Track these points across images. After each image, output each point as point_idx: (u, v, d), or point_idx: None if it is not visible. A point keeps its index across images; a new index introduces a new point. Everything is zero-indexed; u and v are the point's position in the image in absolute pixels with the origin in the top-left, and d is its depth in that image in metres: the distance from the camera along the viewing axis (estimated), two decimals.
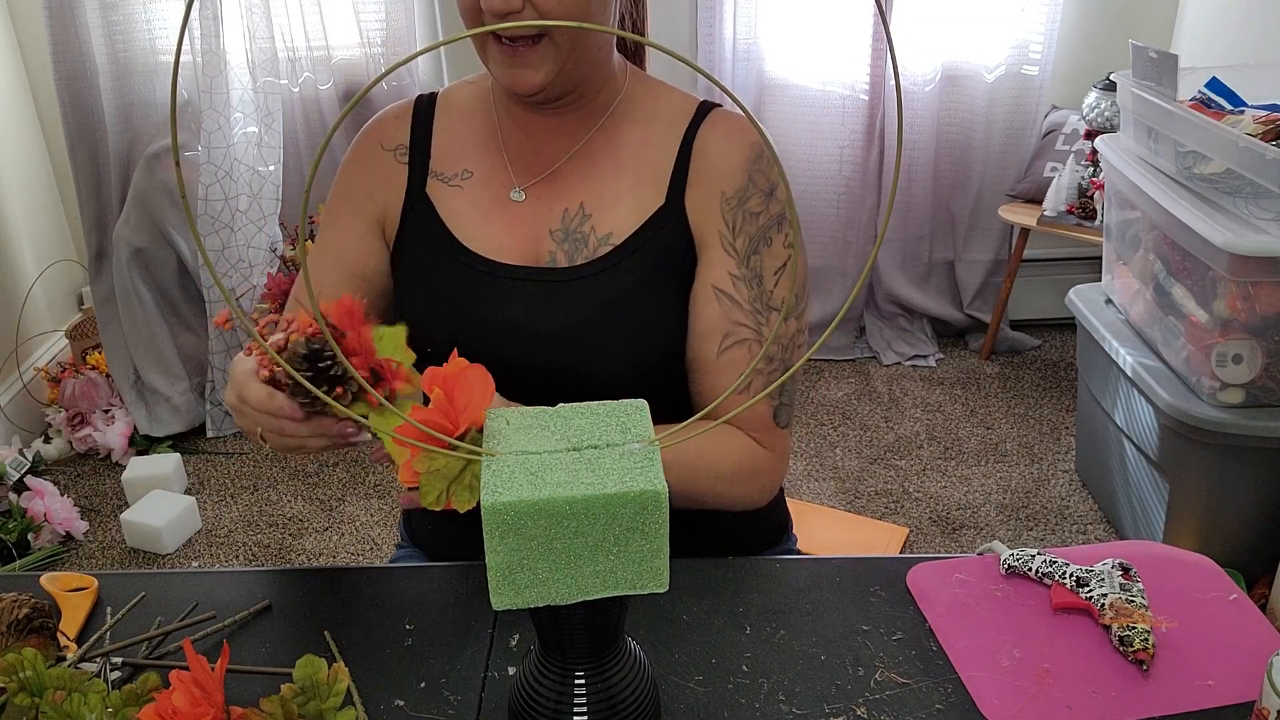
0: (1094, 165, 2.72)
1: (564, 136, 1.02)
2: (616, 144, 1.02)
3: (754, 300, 0.99)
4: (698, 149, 1.00)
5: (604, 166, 1.02)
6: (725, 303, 0.99)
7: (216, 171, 2.61)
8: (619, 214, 1.01)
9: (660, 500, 0.65)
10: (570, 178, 1.02)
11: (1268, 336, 1.83)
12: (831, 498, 2.48)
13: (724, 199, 0.99)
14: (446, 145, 1.06)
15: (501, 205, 1.03)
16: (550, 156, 1.03)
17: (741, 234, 0.99)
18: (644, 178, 1.01)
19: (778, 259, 1.00)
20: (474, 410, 0.70)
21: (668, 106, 1.03)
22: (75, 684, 0.74)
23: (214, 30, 2.53)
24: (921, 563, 0.98)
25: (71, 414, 2.71)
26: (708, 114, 1.02)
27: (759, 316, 0.99)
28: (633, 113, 1.03)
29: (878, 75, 2.89)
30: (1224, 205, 1.83)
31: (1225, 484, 1.93)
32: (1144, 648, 0.84)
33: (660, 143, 1.02)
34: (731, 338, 0.99)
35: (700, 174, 1.00)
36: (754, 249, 0.99)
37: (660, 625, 0.90)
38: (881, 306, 3.19)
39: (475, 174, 1.05)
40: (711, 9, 2.83)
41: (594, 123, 1.02)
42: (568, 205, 1.02)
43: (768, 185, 1.00)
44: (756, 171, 1.00)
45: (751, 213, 0.99)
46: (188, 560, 2.33)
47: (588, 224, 1.01)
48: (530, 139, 1.03)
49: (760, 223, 0.99)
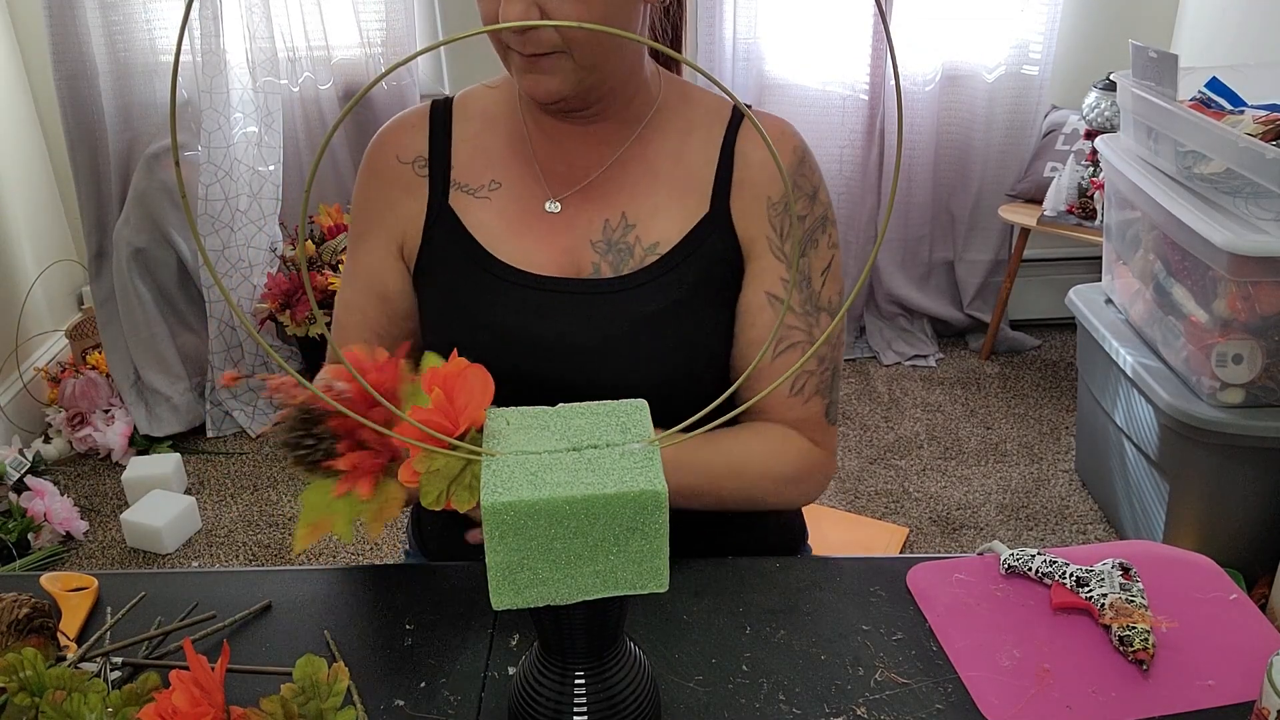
0: (1094, 165, 2.72)
1: (597, 146, 1.00)
2: (652, 153, 1.01)
3: (805, 303, 1.00)
4: (739, 154, 1.00)
5: (641, 176, 1.00)
6: (779, 307, 0.99)
7: (216, 171, 2.61)
8: (663, 223, 0.99)
9: (660, 500, 0.65)
10: (607, 188, 1.00)
11: (1268, 336, 1.83)
12: (831, 498, 2.48)
13: (770, 204, 0.99)
14: (469, 155, 1.03)
15: (535, 217, 1.00)
16: (584, 167, 1.00)
17: (789, 238, 0.99)
18: (685, 186, 1.00)
19: (823, 260, 1.01)
20: (474, 410, 0.69)
21: (704, 113, 1.02)
22: (75, 684, 0.74)
23: (214, 30, 2.53)
24: (921, 563, 0.98)
25: (71, 414, 2.71)
26: (742, 117, 1.01)
27: (810, 318, 1.00)
28: (668, 122, 1.01)
29: (878, 75, 2.89)
30: (1224, 205, 1.83)
31: (1225, 484, 1.93)
32: (1144, 648, 0.84)
33: (699, 150, 1.01)
34: (785, 341, 1.00)
35: (743, 180, 0.99)
36: (801, 252, 0.99)
37: (660, 625, 0.90)
38: (881, 306, 3.19)
39: (504, 185, 1.01)
40: (711, 9, 2.83)
41: (629, 133, 1.01)
42: (608, 216, 0.99)
43: (810, 188, 1.00)
44: (800, 176, 1.00)
45: (798, 216, 0.99)
46: (188, 560, 2.33)
47: (631, 234, 0.99)
48: (561, 149, 1.01)
49: (806, 226, 1.00)
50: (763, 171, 0.99)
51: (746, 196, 0.99)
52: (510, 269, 0.99)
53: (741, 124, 1.01)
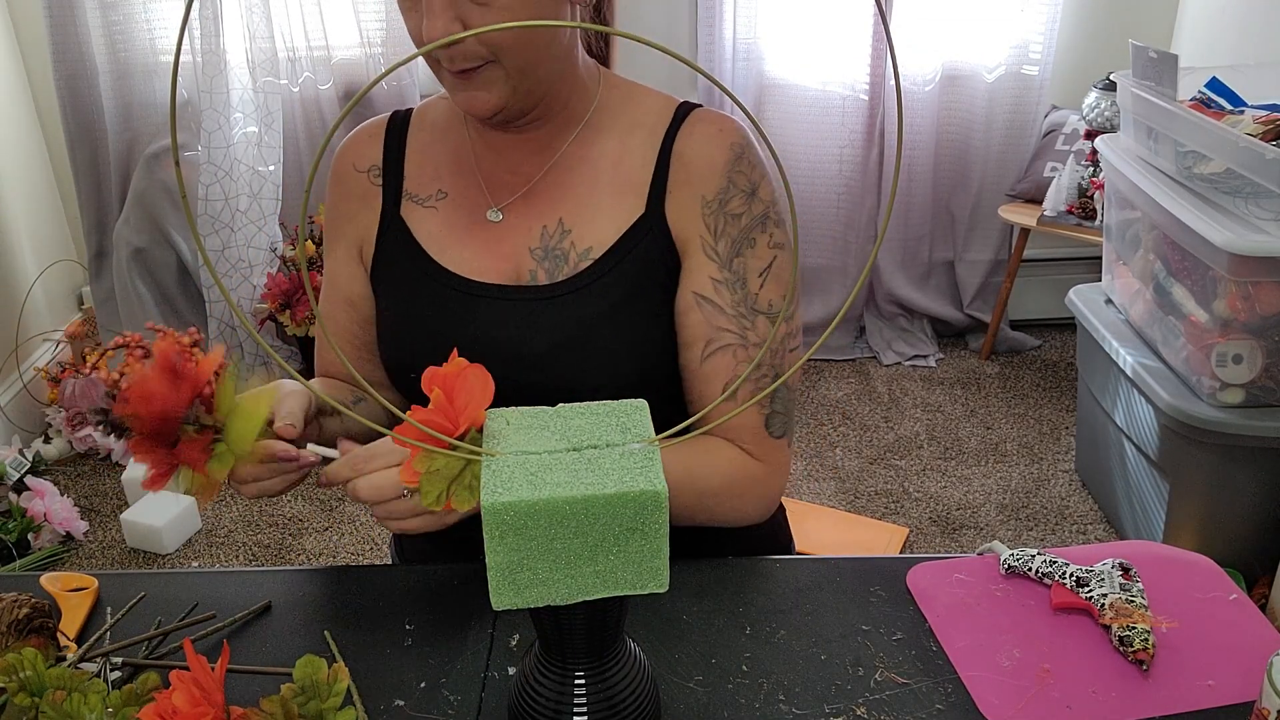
0: (1094, 165, 2.72)
1: (537, 153, 1.00)
2: (593, 156, 0.99)
3: (737, 304, 0.96)
4: (676, 153, 0.97)
5: (580, 180, 0.99)
6: (707, 309, 0.96)
7: (216, 171, 2.61)
8: (599, 227, 0.97)
9: (660, 500, 0.65)
10: (547, 194, 0.99)
11: (1268, 336, 1.83)
12: (831, 498, 2.48)
13: (704, 203, 0.96)
14: (419, 165, 1.04)
15: (478, 226, 1.00)
16: (525, 174, 1.00)
17: (723, 237, 0.96)
18: (623, 188, 0.98)
19: (762, 260, 0.96)
20: (474, 410, 0.69)
21: (645, 113, 1.00)
22: (75, 684, 0.74)
23: (214, 30, 2.53)
24: (921, 563, 0.98)
25: (71, 414, 2.71)
26: (687, 116, 0.99)
27: (744, 321, 0.96)
28: (608, 122, 1.00)
29: (878, 75, 2.89)
30: (1224, 205, 1.83)
31: (1225, 484, 1.93)
32: (1144, 648, 0.84)
33: (639, 151, 0.98)
34: (714, 344, 0.96)
35: (679, 179, 0.97)
36: (736, 251, 0.96)
37: (660, 625, 0.90)
38: (881, 306, 3.19)
39: (450, 194, 1.02)
40: (711, 9, 2.83)
41: (567, 136, 0.99)
42: (546, 222, 0.99)
43: (749, 185, 0.96)
44: (737, 172, 0.96)
45: (733, 214, 0.96)
46: (188, 560, 2.33)
47: (567, 240, 0.98)
48: (503, 157, 1.01)
49: (743, 224, 0.96)
50: (699, 170, 0.96)
51: (681, 196, 0.96)
52: (455, 277, 1.00)
53: (684, 124, 0.98)
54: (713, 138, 0.97)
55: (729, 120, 0.98)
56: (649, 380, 0.99)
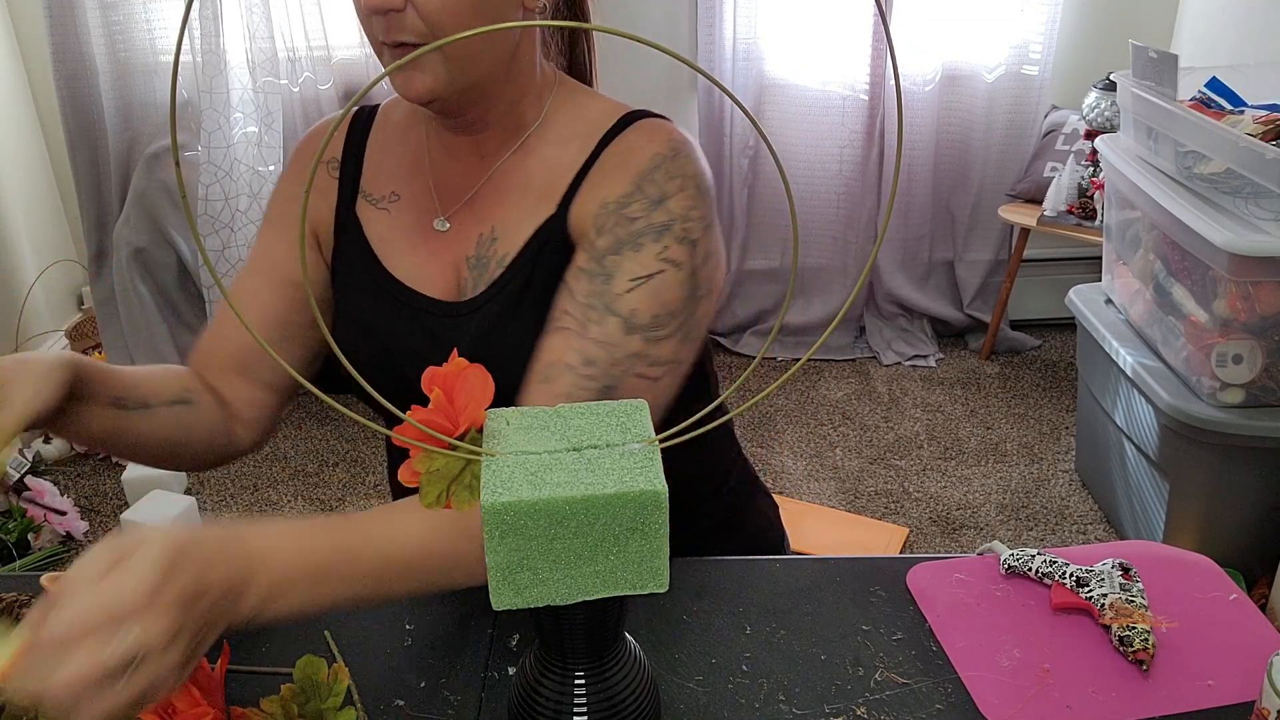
0: (1094, 165, 2.72)
1: (483, 159, 0.97)
2: (531, 164, 0.95)
3: (590, 295, 0.87)
4: (601, 158, 0.93)
5: (516, 188, 0.95)
6: (562, 293, 0.89)
7: (216, 171, 2.61)
8: (517, 233, 0.94)
9: (660, 500, 0.65)
10: (485, 202, 0.97)
11: (1268, 336, 1.83)
12: (831, 498, 2.48)
13: (603, 204, 0.90)
14: (377, 165, 1.02)
15: (426, 233, 0.98)
16: (470, 181, 0.97)
17: (608, 234, 0.89)
18: (544, 193, 0.94)
19: (643, 266, 0.87)
20: (474, 410, 0.69)
21: (588, 122, 0.95)
22: None
23: (214, 30, 2.53)
24: (921, 563, 0.98)
25: None
26: (629, 124, 0.94)
27: (590, 311, 0.87)
28: (553, 132, 0.96)
29: (878, 75, 2.89)
30: (1224, 205, 1.83)
31: (1225, 484, 1.93)
32: (1144, 648, 0.84)
33: (570, 159, 0.94)
34: (553, 325, 0.88)
35: (592, 182, 0.92)
36: (615, 249, 0.88)
37: (660, 625, 0.90)
38: (881, 306, 3.19)
39: (402, 198, 1.00)
40: (711, 9, 2.83)
41: (512, 143, 0.96)
42: (482, 230, 0.96)
43: (658, 194, 0.89)
44: (649, 181, 0.89)
45: (629, 217, 0.89)
46: None
47: (493, 248, 0.95)
48: (453, 162, 0.98)
49: (635, 228, 0.88)
50: (611, 173, 0.92)
51: (586, 197, 0.92)
52: (398, 284, 0.98)
53: (621, 131, 0.93)
54: (638, 145, 0.92)
55: (665, 131, 0.93)
56: None
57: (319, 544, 0.74)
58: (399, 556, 0.77)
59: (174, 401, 0.95)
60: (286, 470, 2.63)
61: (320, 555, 0.73)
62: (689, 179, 0.90)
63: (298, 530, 0.74)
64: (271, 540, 0.72)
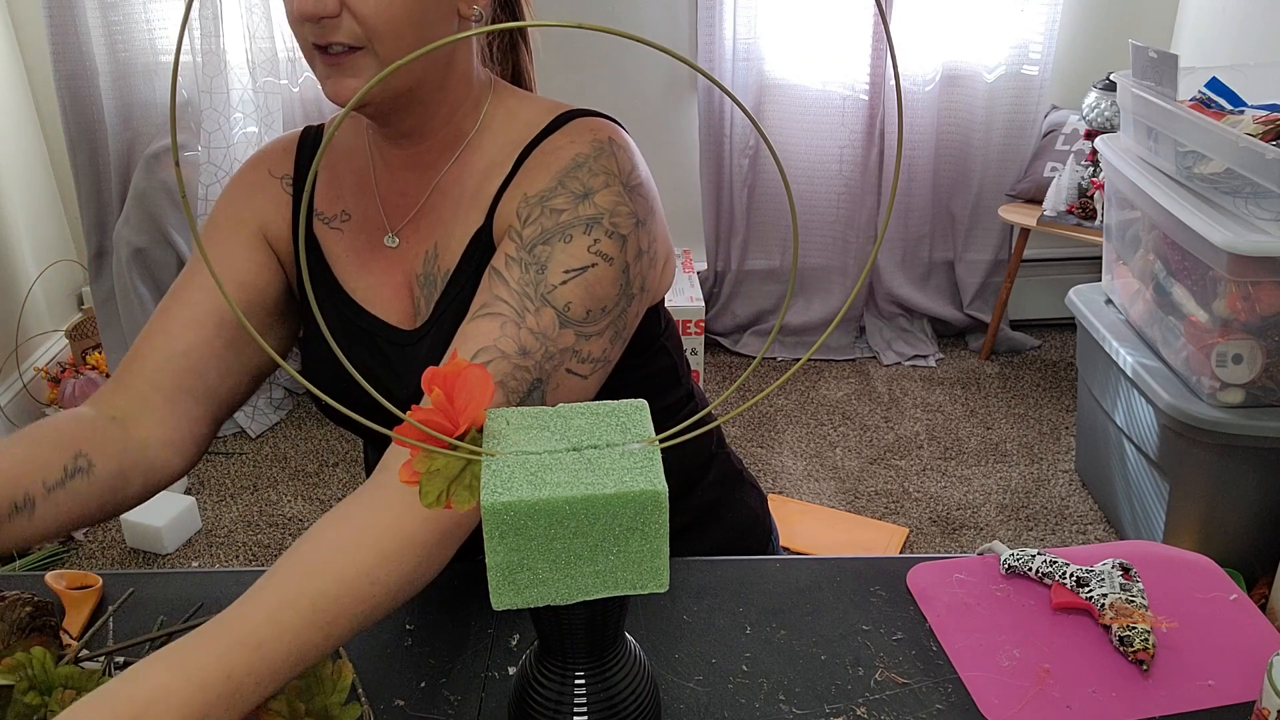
0: (1094, 165, 2.72)
1: (423, 172, 0.95)
2: (467, 175, 0.94)
3: (525, 284, 0.85)
4: (526, 159, 0.91)
5: (456, 200, 0.94)
6: (493, 279, 0.86)
7: (216, 171, 2.61)
8: (453, 248, 0.93)
9: (660, 500, 0.65)
10: (428, 217, 0.95)
11: (1268, 336, 1.83)
12: (831, 498, 2.48)
13: (524, 198, 0.88)
14: (326, 183, 1.00)
15: (377, 251, 0.97)
16: (413, 196, 0.96)
17: (534, 224, 0.87)
18: (474, 202, 0.93)
19: (575, 259, 0.85)
20: (474, 410, 0.69)
21: (522, 126, 0.94)
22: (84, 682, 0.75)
23: (214, 30, 2.53)
24: (921, 563, 0.98)
25: None
26: (561, 124, 0.92)
27: (526, 301, 0.84)
28: (488, 140, 0.95)
29: (878, 75, 2.89)
30: (1224, 205, 1.83)
31: (1225, 484, 1.93)
32: (1144, 648, 0.84)
33: (501, 164, 0.93)
34: (487, 309, 0.85)
35: (515, 183, 0.91)
36: (544, 240, 0.86)
37: (660, 625, 0.90)
38: (881, 306, 3.19)
39: (353, 216, 0.99)
40: (711, 9, 2.83)
41: (450, 155, 0.95)
42: (426, 247, 0.95)
43: (582, 189, 0.88)
44: (571, 177, 0.88)
45: (553, 209, 0.87)
46: (187, 560, 2.33)
47: (436, 264, 0.94)
48: (396, 177, 0.97)
49: (561, 219, 0.87)
50: (532, 170, 0.90)
51: (508, 198, 0.91)
52: (360, 311, 0.97)
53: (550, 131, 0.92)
54: (561, 144, 0.91)
55: (591, 129, 0.91)
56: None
57: (204, 658, 0.66)
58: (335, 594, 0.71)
59: (63, 479, 0.87)
60: (286, 470, 2.63)
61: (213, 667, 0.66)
62: (613, 176, 0.89)
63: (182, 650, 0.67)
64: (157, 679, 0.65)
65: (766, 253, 3.16)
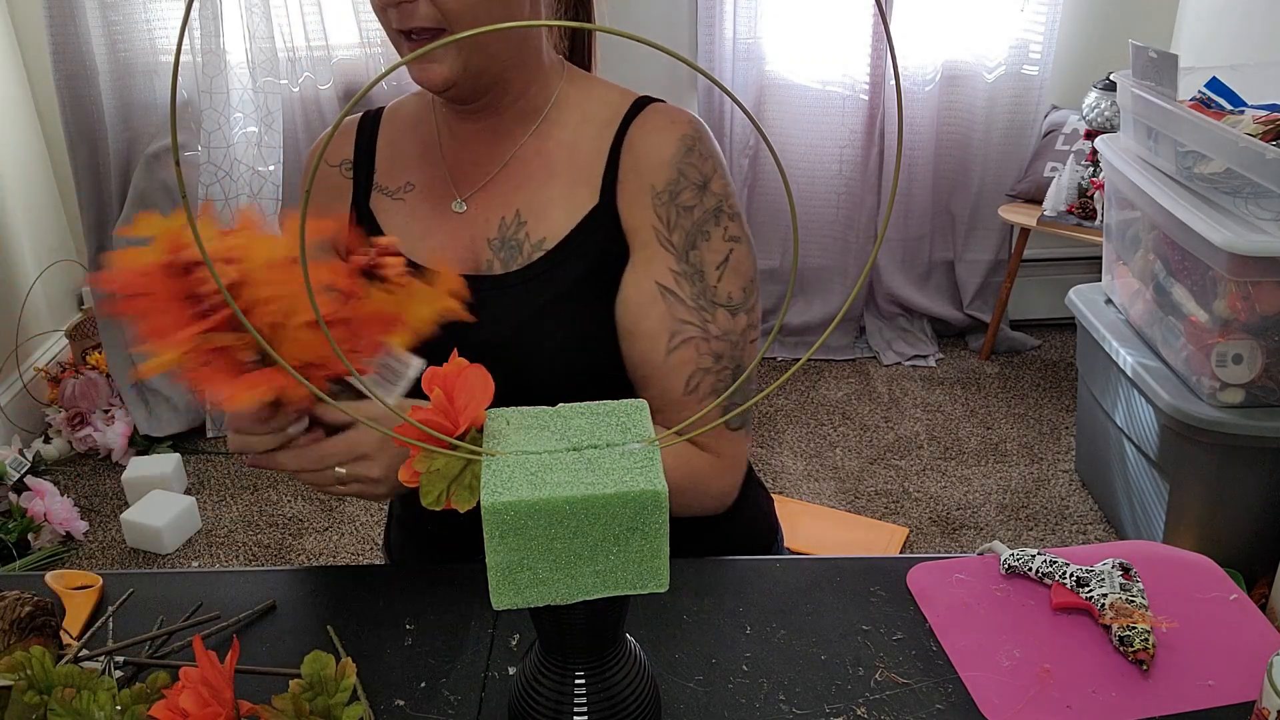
0: (1094, 165, 2.72)
1: (497, 143, 1.01)
2: (549, 149, 1.00)
3: (697, 296, 0.96)
4: (627, 145, 0.98)
5: (537, 172, 1.00)
6: (670, 300, 0.96)
7: (216, 171, 2.61)
8: (553, 219, 0.99)
9: (660, 500, 0.65)
10: (505, 185, 1.01)
11: (1268, 336, 1.83)
12: (831, 498, 2.48)
13: (654, 194, 0.96)
14: (390, 159, 1.06)
15: (443, 217, 1.02)
16: (486, 165, 1.02)
17: (677, 229, 0.96)
18: (577, 180, 0.99)
19: (718, 253, 0.97)
20: (474, 410, 0.70)
21: (601, 106, 1.01)
22: (84, 682, 0.75)
23: (214, 30, 2.53)
24: (921, 563, 0.98)
25: (71, 414, 2.71)
26: (642, 109, 1.00)
27: (704, 314, 0.96)
28: (565, 116, 1.01)
29: (878, 75, 2.89)
30: (1224, 205, 1.83)
31: (1225, 484, 1.93)
32: (1144, 648, 0.84)
33: (591, 144, 0.99)
34: (679, 336, 0.96)
35: (628, 169, 0.97)
36: (691, 244, 0.96)
37: (660, 625, 0.90)
38: (881, 306, 3.19)
39: (417, 186, 1.04)
40: (711, 9, 2.83)
41: (527, 128, 1.00)
42: (504, 214, 1.00)
43: (700, 178, 0.97)
44: (687, 164, 0.96)
45: (685, 206, 0.96)
46: (187, 560, 2.33)
47: (523, 231, 0.99)
48: (466, 148, 1.02)
49: (695, 216, 0.96)
50: (648, 160, 0.97)
51: (631, 186, 0.97)
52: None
53: (637, 116, 0.99)
54: (662, 129, 0.98)
55: (682, 114, 0.99)
56: (595, 370, 0.99)
57: None
58: None
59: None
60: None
61: None
62: (716, 159, 0.99)
63: None
64: None
65: (766, 252, 3.16)
